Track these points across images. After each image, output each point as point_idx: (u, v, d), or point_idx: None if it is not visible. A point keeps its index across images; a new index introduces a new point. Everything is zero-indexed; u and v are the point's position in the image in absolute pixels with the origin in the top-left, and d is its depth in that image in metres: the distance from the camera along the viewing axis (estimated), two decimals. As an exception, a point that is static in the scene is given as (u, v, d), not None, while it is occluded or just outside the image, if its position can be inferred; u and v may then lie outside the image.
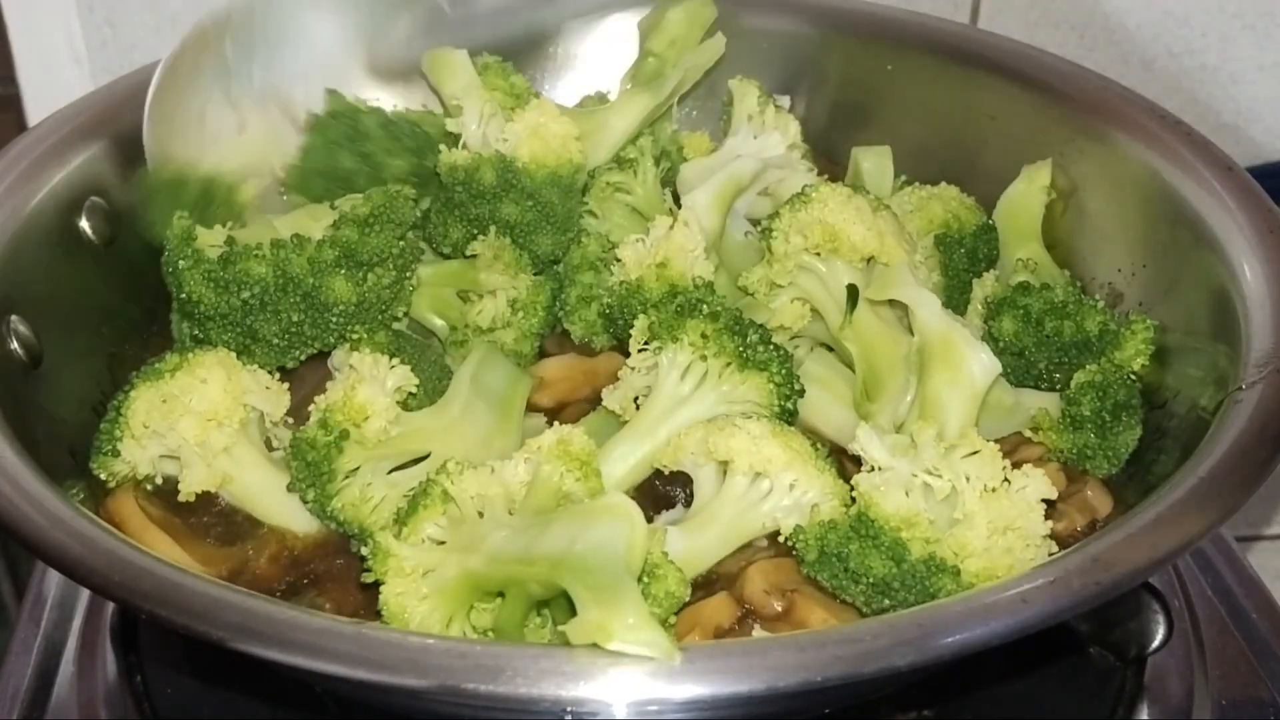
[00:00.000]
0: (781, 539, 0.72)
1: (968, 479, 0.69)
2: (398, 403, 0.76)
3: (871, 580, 0.68)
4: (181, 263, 0.80)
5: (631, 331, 0.80)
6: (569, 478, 0.69)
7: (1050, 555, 0.68)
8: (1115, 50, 1.24)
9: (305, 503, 0.75)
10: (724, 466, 0.73)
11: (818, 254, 0.82)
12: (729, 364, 0.77)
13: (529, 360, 0.89)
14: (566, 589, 0.62)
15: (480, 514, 0.68)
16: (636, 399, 0.79)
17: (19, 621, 0.87)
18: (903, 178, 0.98)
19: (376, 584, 0.66)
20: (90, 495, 0.77)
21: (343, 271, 0.80)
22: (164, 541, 0.74)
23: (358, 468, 0.74)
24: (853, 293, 0.81)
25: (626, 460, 0.76)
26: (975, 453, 0.70)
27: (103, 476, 0.78)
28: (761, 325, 0.79)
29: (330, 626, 0.59)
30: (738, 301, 0.84)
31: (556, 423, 0.78)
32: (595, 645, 0.58)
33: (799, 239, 0.82)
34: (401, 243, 0.82)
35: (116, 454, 0.77)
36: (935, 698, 0.78)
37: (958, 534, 0.68)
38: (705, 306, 0.78)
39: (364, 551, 0.67)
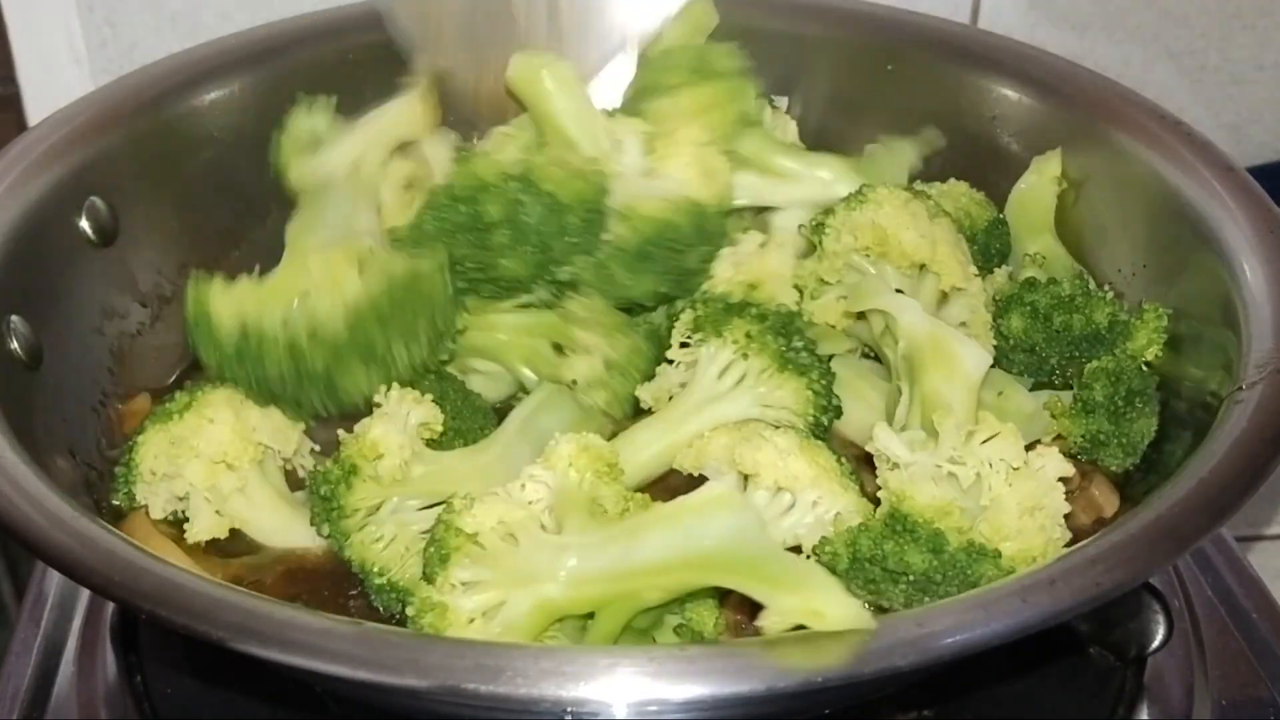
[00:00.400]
0: (805, 554, 0.71)
1: (990, 464, 0.69)
2: (429, 442, 0.75)
3: (912, 577, 0.68)
4: (197, 329, 0.78)
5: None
6: (597, 482, 0.67)
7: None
8: (1115, 50, 1.24)
9: (322, 537, 0.74)
10: (746, 478, 0.73)
11: (868, 255, 0.81)
12: (769, 367, 0.76)
13: (621, 426, 0.82)
14: (723, 585, 0.62)
15: (511, 541, 0.66)
16: (671, 396, 0.78)
17: (19, 621, 0.87)
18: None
19: None
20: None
21: (362, 366, 0.77)
22: (175, 553, 0.75)
23: (379, 505, 0.73)
24: None
25: (650, 448, 0.77)
26: (994, 436, 0.70)
27: (123, 506, 0.78)
28: (807, 335, 0.79)
29: (330, 627, 0.59)
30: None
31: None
32: (799, 627, 0.59)
33: (850, 238, 0.81)
34: (429, 324, 0.78)
35: (131, 496, 0.78)
36: (935, 698, 0.78)
37: (990, 518, 0.68)
38: (754, 308, 0.77)
39: (409, 613, 0.66)
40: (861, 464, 0.76)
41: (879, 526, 0.69)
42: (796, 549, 0.72)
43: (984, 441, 0.70)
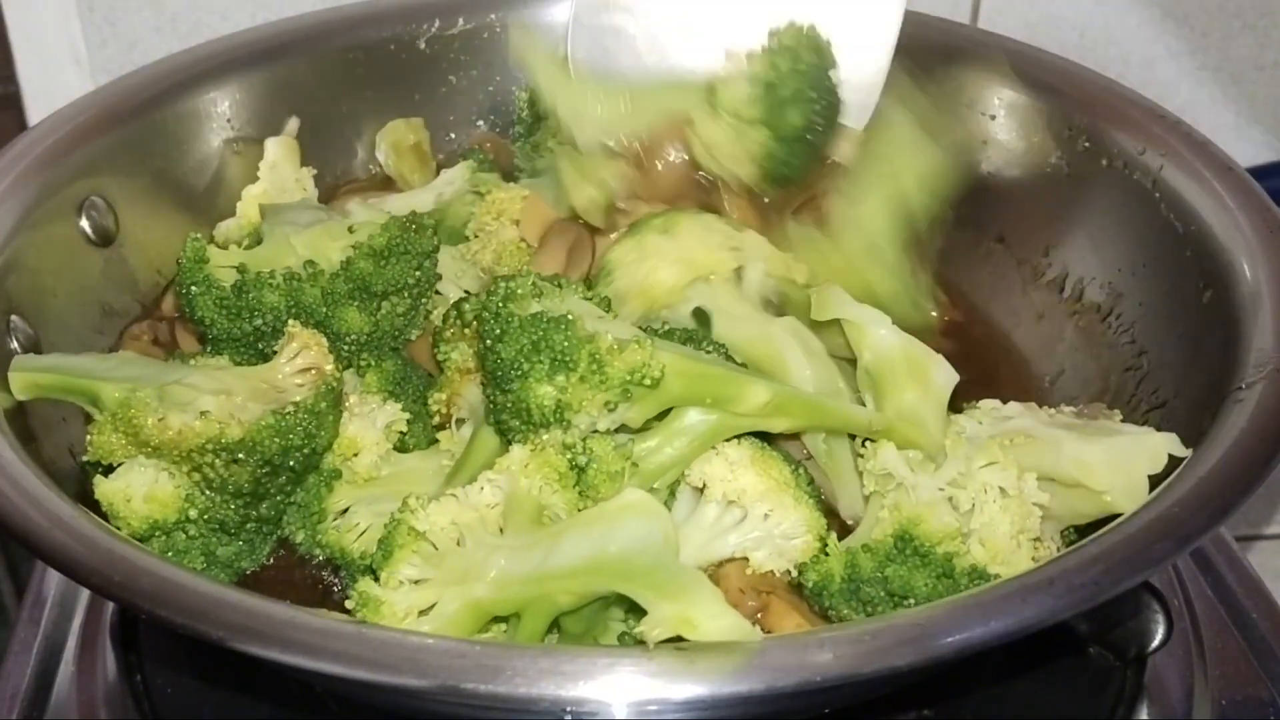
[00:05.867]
0: (778, 574, 0.71)
1: (986, 489, 0.69)
2: (393, 445, 0.77)
3: (915, 600, 0.68)
4: (194, 288, 0.79)
5: None
6: (546, 490, 0.68)
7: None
8: (1115, 50, 1.24)
9: (296, 544, 0.76)
10: (699, 491, 0.72)
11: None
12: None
13: None
14: (619, 591, 0.63)
15: (458, 542, 0.66)
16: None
17: (19, 621, 0.87)
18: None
19: None
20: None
21: (356, 303, 0.80)
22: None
23: (347, 509, 0.75)
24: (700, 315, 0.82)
25: None
26: (993, 463, 0.70)
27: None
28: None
29: (330, 626, 0.59)
30: None
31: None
32: (677, 639, 0.59)
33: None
34: (418, 273, 0.81)
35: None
36: (935, 698, 0.78)
37: (985, 541, 0.68)
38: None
39: (348, 604, 0.66)
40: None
41: (886, 548, 0.69)
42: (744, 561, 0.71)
43: (983, 467, 0.70)
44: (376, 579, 0.66)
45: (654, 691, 0.56)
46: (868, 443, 0.74)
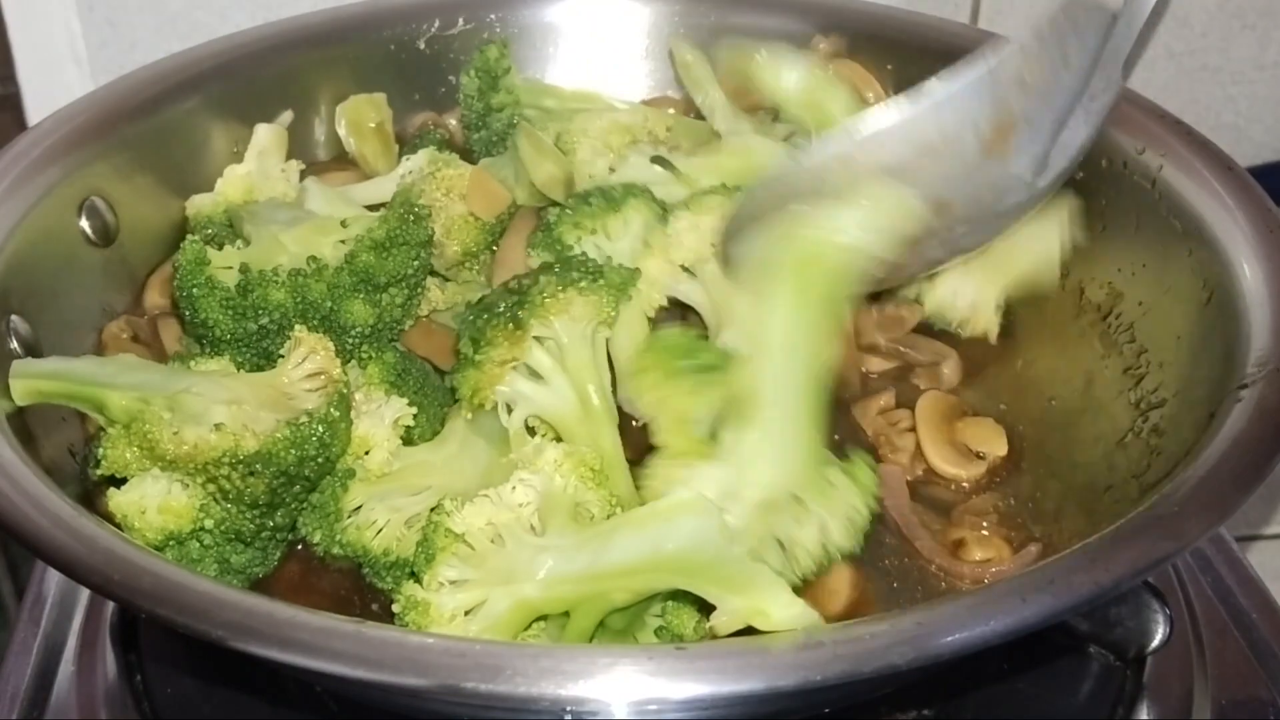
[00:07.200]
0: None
1: None
2: (400, 437, 0.77)
3: None
4: (196, 290, 0.79)
5: None
6: (581, 488, 0.69)
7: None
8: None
9: (314, 544, 0.75)
10: None
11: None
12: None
13: None
14: (683, 588, 0.64)
15: (492, 541, 0.67)
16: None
17: (19, 621, 0.87)
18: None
19: None
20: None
21: (361, 295, 0.80)
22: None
23: (360, 506, 0.75)
24: None
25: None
26: None
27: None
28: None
29: (330, 626, 0.59)
30: None
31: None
32: (748, 629, 0.61)
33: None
34: (416, 262, 0.82)
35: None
36: (935, 698, 0.78)
37: None
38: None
39: (394, 609, 0.67)
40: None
41: None
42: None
43: None
44: (419, 583, 0.67)
45: (654, 691, 0.56)
46: None
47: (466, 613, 0.66)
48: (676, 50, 1.03)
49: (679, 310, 0.85)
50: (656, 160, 0.88)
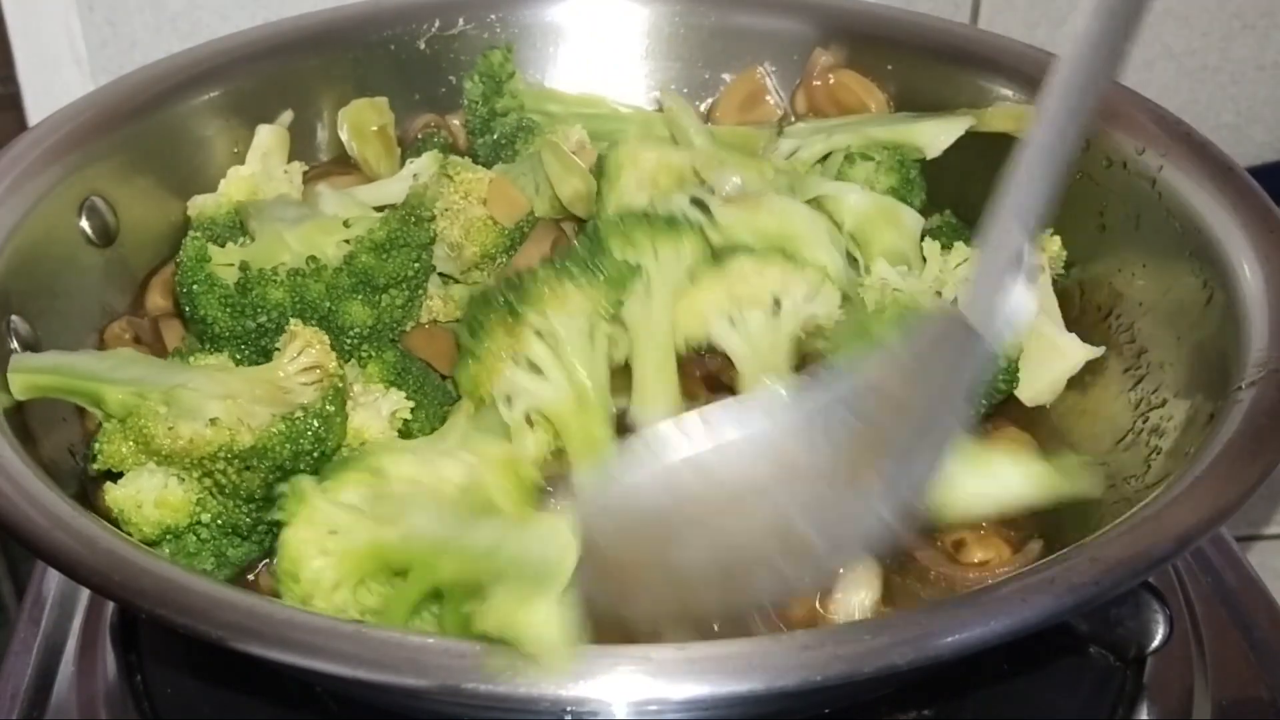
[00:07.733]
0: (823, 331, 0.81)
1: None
2: (397, 431, 0.77)
3: None
4: (196, 286, 0.79)
5: None
6: (502, 495, 0.68)
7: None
8: (1115, 50, 1.24)
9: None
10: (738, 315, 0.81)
11: None
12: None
13: None
14: (485, 582, 0.62)
15: (402, 494, 0.67)
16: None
17: (19, 621, 0.87)
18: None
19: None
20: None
21: (359, 296, 0.80)
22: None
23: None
24: None
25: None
26: (967, 260, 0.85)
27: None
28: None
29: (330, 626, 0.59)
30: None
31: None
32: (500, 639, 0.58)
33: None
34: (417, 264, 0.82)
35: None
36: (935, 698, 0.78)
37: None
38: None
39: (279, 489, 0.67)
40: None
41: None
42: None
43: (957, 266, 0.85)
44: (320, 482, 0.67)
45: (654, 691, 0.56)
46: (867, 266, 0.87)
47: (332, 530, 0.65)
48: (664, 100, 1.03)
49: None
50: (695, 202, 0.86)
